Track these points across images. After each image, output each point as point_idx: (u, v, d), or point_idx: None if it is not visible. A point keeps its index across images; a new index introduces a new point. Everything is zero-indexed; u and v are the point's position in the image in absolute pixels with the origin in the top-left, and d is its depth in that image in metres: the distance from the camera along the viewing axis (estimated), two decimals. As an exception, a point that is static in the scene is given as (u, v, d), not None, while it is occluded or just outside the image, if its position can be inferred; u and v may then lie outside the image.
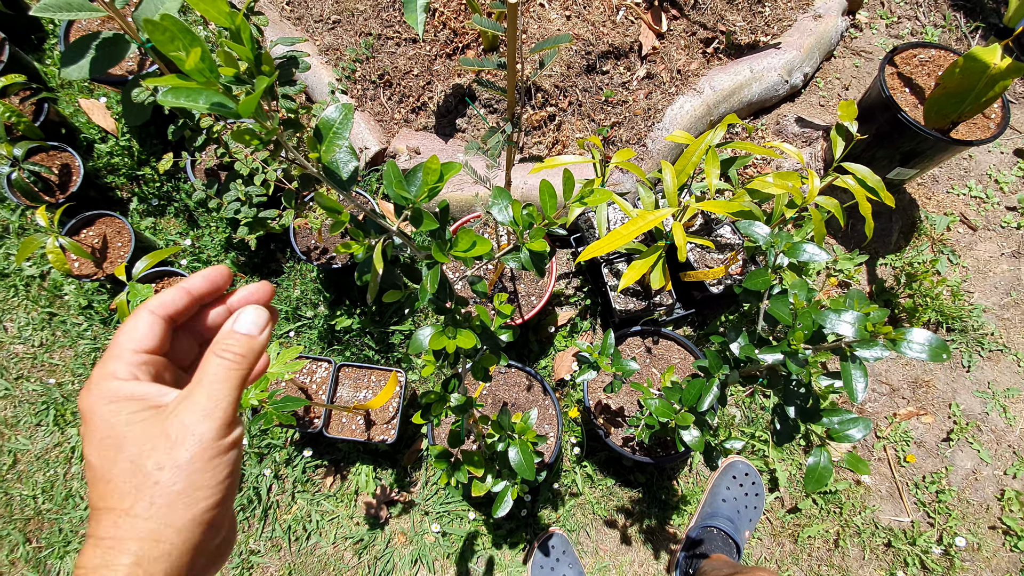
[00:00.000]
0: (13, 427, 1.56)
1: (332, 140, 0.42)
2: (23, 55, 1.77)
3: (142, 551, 0.34)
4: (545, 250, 0.55)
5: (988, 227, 1.79)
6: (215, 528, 0.37)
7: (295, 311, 1.62)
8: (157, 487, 0.35)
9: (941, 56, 1.56)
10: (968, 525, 1.49)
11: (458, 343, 0.57)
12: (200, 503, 0.35)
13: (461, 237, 0.49)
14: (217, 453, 0.36)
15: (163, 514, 0.34)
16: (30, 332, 1.63)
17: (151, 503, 0.34)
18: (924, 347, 0.51)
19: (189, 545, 0.35)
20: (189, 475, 0.35)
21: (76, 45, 1.16)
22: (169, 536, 0.34)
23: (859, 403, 1.54)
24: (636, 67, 1.75)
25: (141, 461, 0.35)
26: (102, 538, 0.34)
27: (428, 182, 0.47)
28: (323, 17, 1.84)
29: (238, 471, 0.38)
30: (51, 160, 1.59)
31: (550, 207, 0.56)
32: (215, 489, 0.36)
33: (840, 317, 0.53)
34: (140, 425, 0.36)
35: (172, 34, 0.32)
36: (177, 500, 0.35)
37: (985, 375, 1.63)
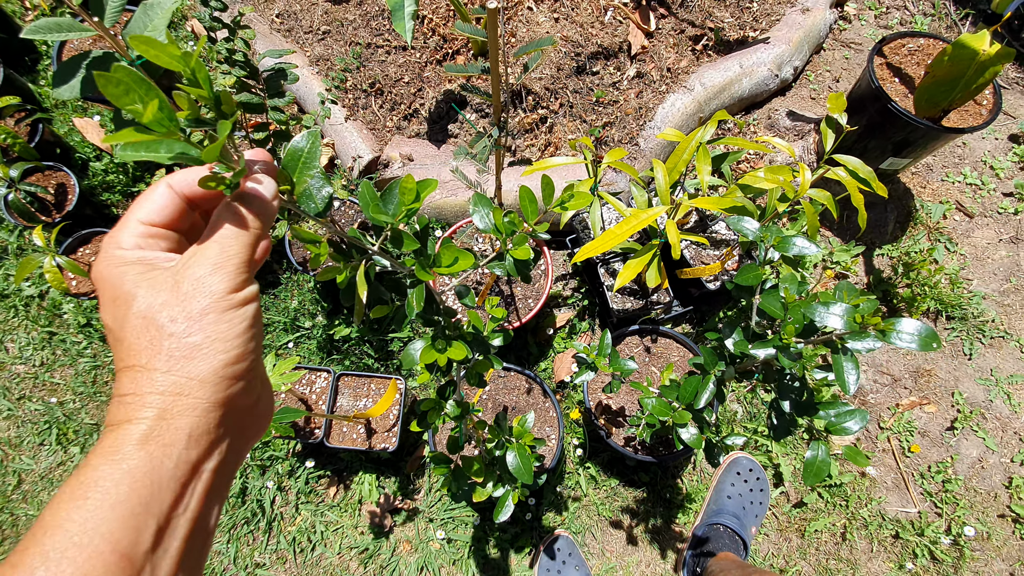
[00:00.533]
0: (17, 447, 1.56)
1: (302, 172, 0.40)
2: (17, 76, 1.78)
3: (165, 404, 0.33)
4: (529, 257, 0.55)
5: (985, 214, 1.79)
6: (243, 385, 0.36)
7: (293, 322, 1.62)
8: (172, 339, 0.33)
9: (930, 45, 1.56)
10: (976, 514, 1.48)
11: (450, 355, 0.57)
12: (220, 355, 0.34)
13: (443, 253, 0.49)
14: (231, 306, 0.35)
15: (182, 367, 0.33)
16: (31, 352, 1.63)
17: (169, 356, 0.33)
18: (914, 337, 0.51)
19: (215, 400, 0.34)
20: (204, 327, 0.34)
21: (67, 65, 1.16)
22: (192, 389, 0.33)
23: (852, 395, 1.53)
24: (626, 67, 1.76)
25: (152, 315, 0.34)
26: (123, 395, 0.33)
27: (405, 202, 0.46)
28: (313, 28, 1.85)
29: (259, 328, 0.37)
30: (47, 180, 1.60)
31: (531, 212, 0.56)
32: (234, 342, 0.35)
33: (829, 310, 0.53)
34: (148, 282, 0.35)
35: (127, 86, 0.30)
36: (195, 352, 0.33)
37: (987, 362, 1.62)
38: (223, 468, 0.36)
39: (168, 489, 0.32)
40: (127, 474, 0.31)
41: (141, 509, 0.31)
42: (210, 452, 0.35)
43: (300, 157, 0.40)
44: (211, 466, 0.35)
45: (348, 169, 1.70)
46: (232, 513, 1.48)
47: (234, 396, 0.35)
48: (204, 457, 0.34)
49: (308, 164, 0.40)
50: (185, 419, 0.33)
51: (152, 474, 0.32)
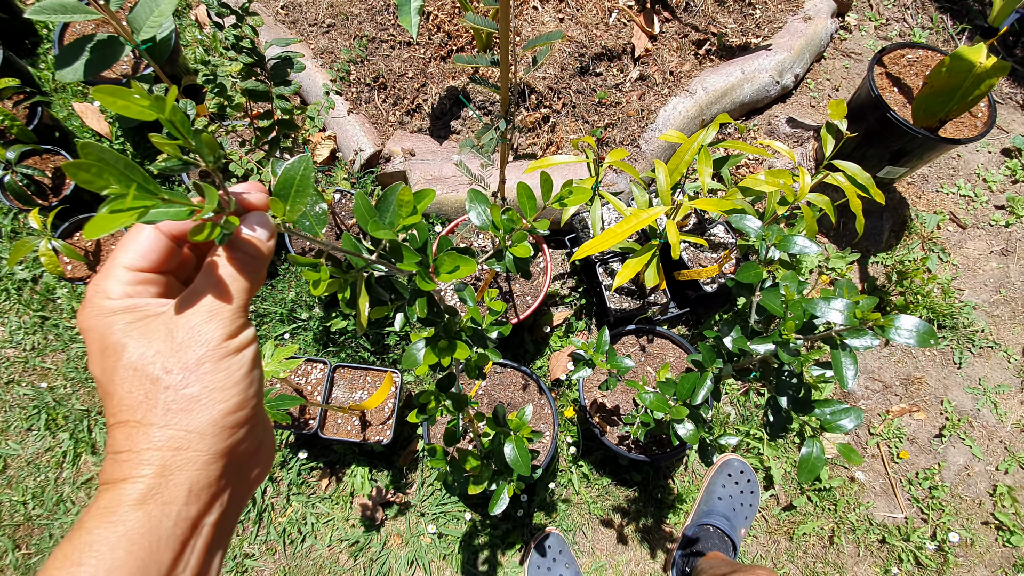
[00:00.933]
0: (3, 432, 1.54)
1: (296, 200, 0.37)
2: (17, 59, 1.76)
3: (163, 460, 0.31)
4: (529, 254, 0.55)
5: (977, 225, 1.81)
6: (244, 432, 0.34)
7: (290, 313, 1.61)
8: (169, 391, 0.32)
9: (928, 56, 1.58)
10: (961, 521, 1.50)
11: (456, 356, 0.57)
12: (219, 405, 0.33)
13: (445, 260, 0.48)
14: (228, 353, 0.33)
15: (180, 420, 0.32)
16: (22, 336, 1.61)
17: (166, 409, 0.32)
18: (912, 333, 0.52)
19: (216, 451, 0.33)
20: (201, 377, 0.32)
21: (71, 47, 1.16)
22: (191, 442, 0.32)
23: (849, 390, 1.55)
24: (629, 69, 1.77)
25: (145, 366, 0.32)
26: (118, 452, 0.32)
27: (402, 215, 0.44)
28: (317, 21, 1.85)
29: (259, 371, 0.35)
30: (44, 163, 1.58)
31: (530, 209, 0.57)
32: (233, 391, 0.33)
33: (830, 305, 0.54)
34: (139, 331, 0.33)
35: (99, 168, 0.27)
36: (193, 404, 0.32)
37: (976, 371, 1.65)
38: (224, 520, 0.35)
39: (167, 549, 0.31)
40: (123, 537, 0.30)
41: (139, 573, 0.30)
42: (211, 505, 0.33)
43: (293, 184, 0.37)
44: (212, 520, 0.34)
45: (349, 162, 1.70)
46: (223, 503, 1.47)
47: (236, 445, 0.34)
48: (205, 511, 0.33)
49: (302, 191, 0.37)
50: (184, 474, 0.32)
51: (150, 535, 0.31)
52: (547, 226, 0.56)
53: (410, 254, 0.46)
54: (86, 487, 1.49)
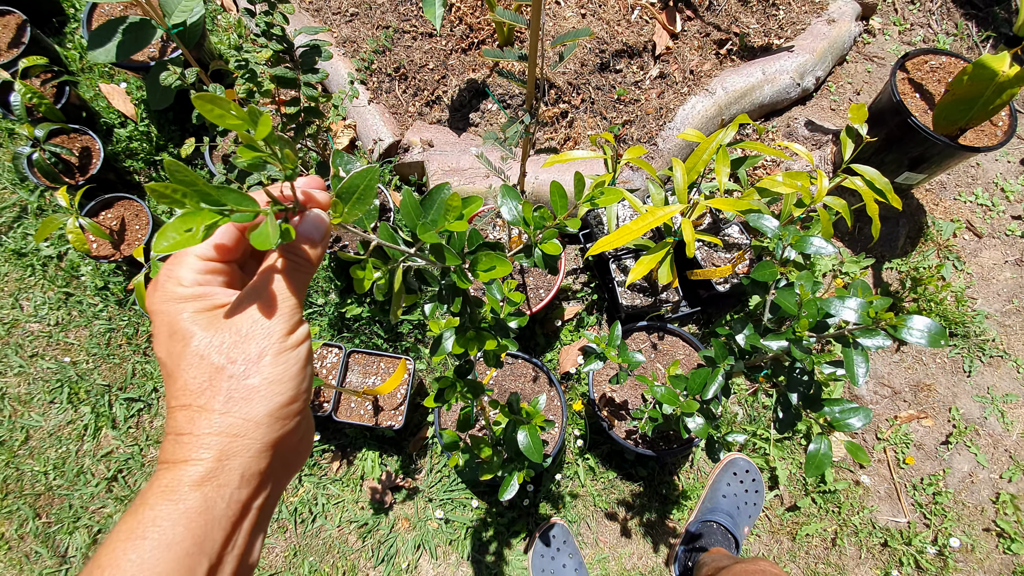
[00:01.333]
0: (27, 404, 1.59)
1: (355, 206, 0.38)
2: (44, 38, 1.80)
3: (222, 445, 0.33)
4: (558, 252, 0.56)
5: (993, 235, 1.81)
6: (294, 425, 0.36)
7: (306, 298, 1.64)
8: (232, 380, 0.34)
9: (952, 63, 1.57)
10: (963, 527, 1.51)
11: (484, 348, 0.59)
12: (276, 397, 0.35)
13: (481, 259, 0.49)
14: (287, 347, 0.35)
15: (240, 408, 0.34)
16: (46, 311, 1.66)
17: (228, 397, 0.34)
18: (924, 333, 0.53)
19: (268, 441, 0.35)
20: (261, 369, 0.34)
21: (103, 29, 1.19)
22: (248, 430, 0.34)
23: (859, 394, 1.56)
24: (649, 66, 1.77)
25: (210, 355, 0.34)
26: (180, 434, 0.34)
27: (449, 219, 0.45)
28: (341, 10, 1.86)
29: (311, 368, 0.38)
30: (71, 142, 1.62)
31: (561, 207, 0.58)
32: (289, 384, 0.35)
33: (844, 304, 0.55)
34: (207, 320, 0.35)
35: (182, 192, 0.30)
36: (254, 394, 0.34)
37: (985, 380, 1.65)
38: (267, 504, 0.37)
39: (220, 528, 0.33)
40: (183, 515, 0.32)
41: (195, 549, 0.32)
42: (259, 490, 0.35)
43: (357, 191, 0.38)
44: (258, 504, 0.36)
45: (368, 151, 1.72)
46: (236, 480, 1.50)
47: (287, 436, 0.36)
48: (254, 495, 0.35)
49: (363, 199, 0.38)
50: (239, 459, 0.34)
51: (206, 514, 0.33)
52: (578, 225, 0.57)
53: (452, 256, 0.47)
54: (105, 460, 1.53)
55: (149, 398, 1.59)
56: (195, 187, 0.30)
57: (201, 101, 0.30)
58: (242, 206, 0.31)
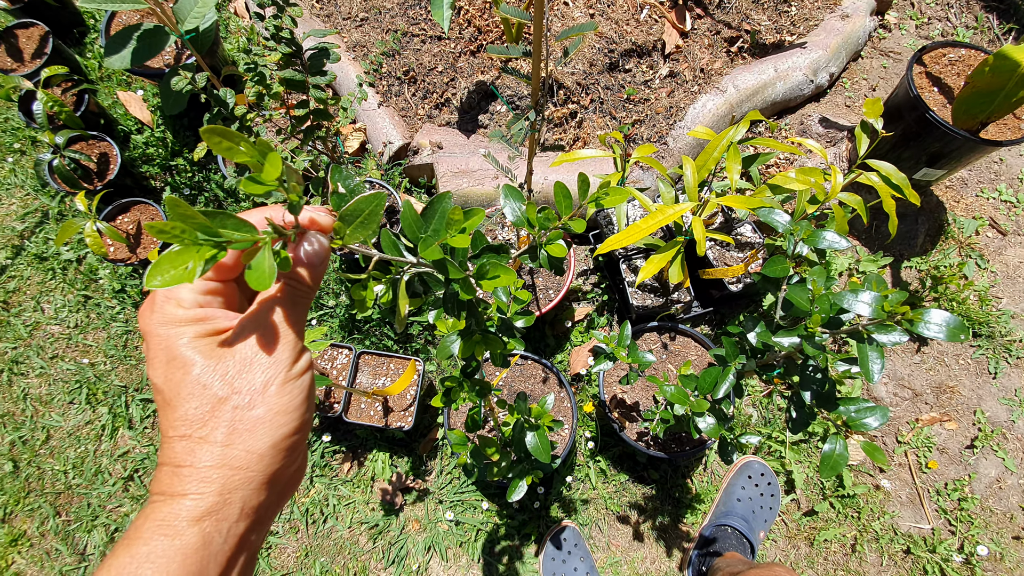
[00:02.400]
0: (47, 404, 1.62)
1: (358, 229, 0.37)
2: (65, 48, 1.85)
3: (224, 479, 0.33)
4: (564, 254, 0.55)
5: (1018, 232, 1.75)
6: (293, 456, 0.36)
7: (317, 300, 1.65)
8: (237, 412, 0.33)
9: (971, 55, 1.53)
10: (991, 534, 1.46)
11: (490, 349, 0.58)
12: (281, 429, 0.34)
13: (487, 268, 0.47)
14: (292, 377, 0.35)
15: (245, 440, 0.33)
16: (66, 313, 1.69)
17: (232, 429, 0.33)
18: (942, 327, 0.51)
19: (269, 473, 0.34)
20: (267, 399, 0.33)
21: (119, 36, 1.21)
22: (252, 463, 0.33)
23: (875, 383, 1.52)
24: (659, 65, 1.76)
25: (212, 384, 0.33)
26: (179, 465, 0.33)
27: (451, 233, 0.44)
28: (351, 15, 1.88)
29: (313, 397, 0.37)
30: (90, 149, 1.65)
31: (565, 207, 0.57)
32: (294, 415, 0.35)
33: (858, 297, 0.53)
34: (207, 347, 0.34)
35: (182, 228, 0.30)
36: (258, 425, 0.33)
37: (1012, 382, 1.59)
38: (263, 532, 0.36)
39: (216, 564, 0.33)
40: (179, 551, 0.31)
41: None
42: (257, 524, 0.35)
43: (360, 217, 0.37)
44: (255, 536, 0.35)
45: (379, 154, 1.73)
46: (248, 481, 1.52)
47: (287, 466, 0.35)
48: (252, 529, 0.35)
49: (367, 224, 0.37)
50: (240, 493, 0.33)
51: (203, 550, 0.32)
52: (583, 226, 0.56)
53: (455, 270, 0.46)
54: (122, 459, 1.56)
55: (164, 399, 1.61)
56: (194, 221, 0.29)
57: (210, 135, 0.29)
58: (240, 233, 0.31)
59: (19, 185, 1.81)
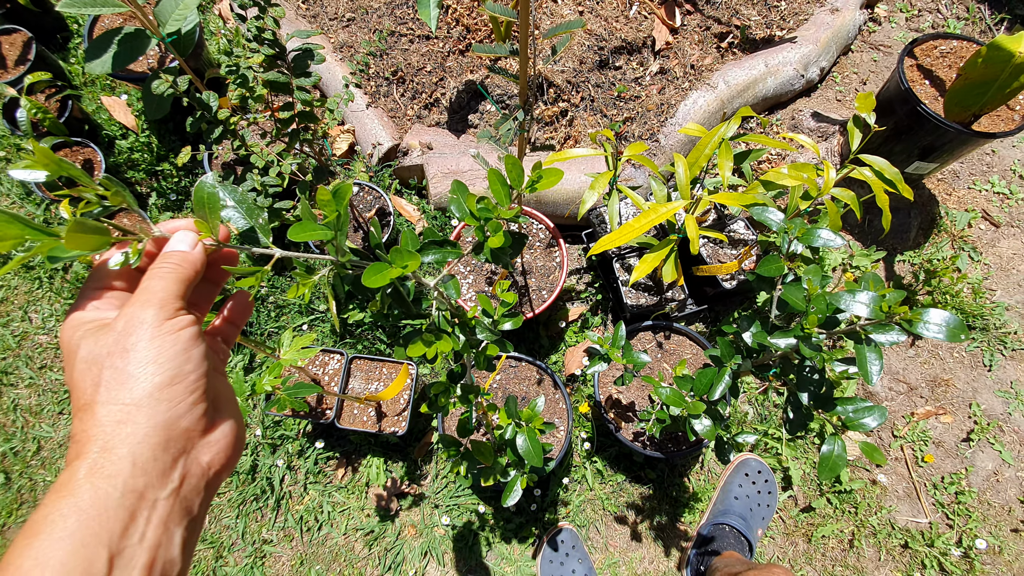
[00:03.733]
0: (37, 415, 1.60)
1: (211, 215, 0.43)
2: (49, 54, 1.82)
3: (106, 435, 0.34)
4: (504, 244, 0.55)
5: (1012, 224, 1.75)
6: (185, 407, 0.37)
7: (308, 305, 1.64)
8: (109, 370, 0.35)
9: (963, 47, 1.53)
10: (989, 527, 1.46)
11: (439, 348, 0.57)
12: (154, 378, 0.35)
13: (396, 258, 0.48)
14: (161, 333, 0.36)
15: (118, 394, 0.35)
16: (53, 323, 1.67)
17: (107, 387, 0.35)
18: (941, 327, 0.50)
19: (154, 423, 0.35)
20: (136, 353, 0.35)
21: (99, 41, 1.18)
22: (130, 415, 0.34)
23: (873, 391, 1.51)
24: (649, 62, 1.75)
25: (94, 357, 0.36)
26: (75, 434, 0.35)
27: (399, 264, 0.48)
28: (338, 15, 1.86)
29: (199, 351, 0.38)
30: (74, 155, 1.63)
31: (503, 197, 0.55)
32: (168, 364, 0.36)
33: (855, 298, 0.52)
34: (93, 333, 0.38)
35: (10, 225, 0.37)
36: (127, 379, 0.35)
37: (1008, 374, 1.59)
38: (181, 497, 0.36)
39: (116, 519, 0.33)
40: (74, 508, 0.32)
41: (91, 539, 0.32)
42: (160, 479, 0.35)
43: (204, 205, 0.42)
44: (163, 495, 0.35)
45: (368, 156, 1.71)
46: (242, 489, 1.50)
47: (176, 419, 0.36)
48: (153, 484, 0.35)
49: (212, 209, 0.43)
50: (126, 447, 0.34)
51: (97, 505, 0.33)
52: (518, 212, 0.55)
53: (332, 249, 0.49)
54: (112, 470, 1.54)
55: (154, 408, 1.59)
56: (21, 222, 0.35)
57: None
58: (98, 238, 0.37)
59: (4, 193, 1.79)
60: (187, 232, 0.42)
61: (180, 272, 0.39)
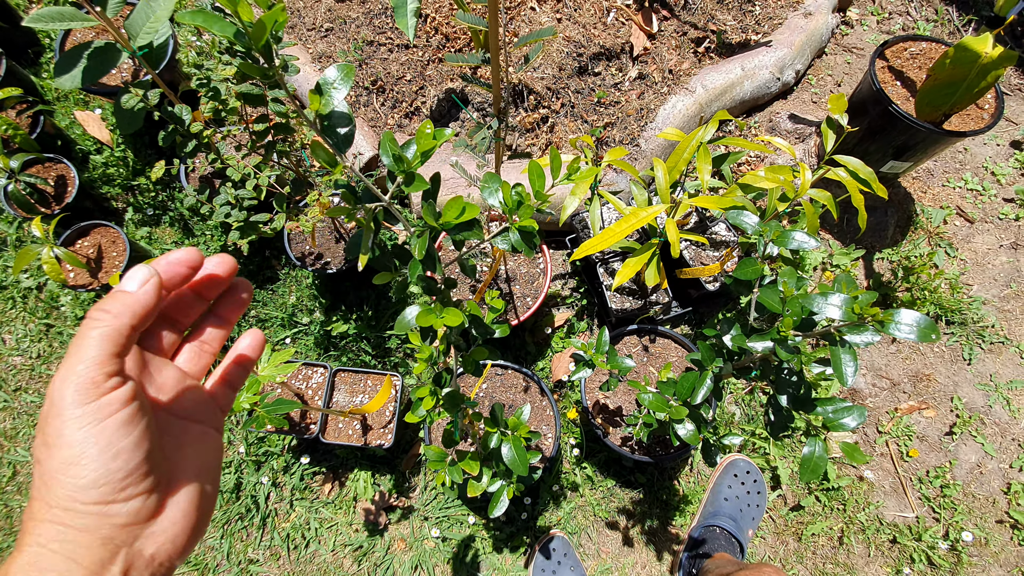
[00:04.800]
0: (12, 439, 1.55)
1: (329, 95, 0.44)
2: (20, 69, 1.78)
3: (40, 530, 0.33)
4: (534, 227, 0.55)
5: (985, 219, 1.78)
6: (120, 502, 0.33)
7: (291, 318, 1.61)
8: (39, 466, 0.33)
9: (932, 48, 1.56)
10: (975, 519, 1.48)
11: (446, 321, 0.56)
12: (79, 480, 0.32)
13: (450, 204, 0.50)
14: (87, 424, 0.32)
15: (47, 495, 0.33)
16: (28, 344, 1.63)
17: (39, 485, 0.33)
18: (912, 328, 0.50)
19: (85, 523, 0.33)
20: (58, 451, 0.32)
21: (69, 55, 1.16)
22: (60, 518, 0.32)
23: (849, 388, 1.53)
24: (628, 68, 1.76)
25: (34, 447, 0.34)
26: (23, 522, 0.34)
27: (422, 146, 0.50)
28: (316, 25, 1.85)
29: (135, 435, 0.34)
30: (47, 172, 1.60)
31: (539, 185, 0.57)
32: (94, 465, 0.32)
33: (828, 300, 0.52)
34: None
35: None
36: (52, 481, 0.32)
37: (987, 368, 1.62)
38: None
39: None
40: None
41: None
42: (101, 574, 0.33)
43: (331, 84, 0.46)
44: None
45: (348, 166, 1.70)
46: (226, 509, 1.47)
47: (109, 518, 0.33)
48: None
49: (336, 89, 0.47)
50: (58, 543, 0.32)
51: None
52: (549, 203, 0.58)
53: (421, 181, 0.51)
54: (91, 493, 1.50)
55: (134, 428, 1.55)
56: None
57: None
58: None
59: (-27, 212, 1.74)
60: (140, 268, 0.36)
61: (116, 325, 0.34)
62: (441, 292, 0.62)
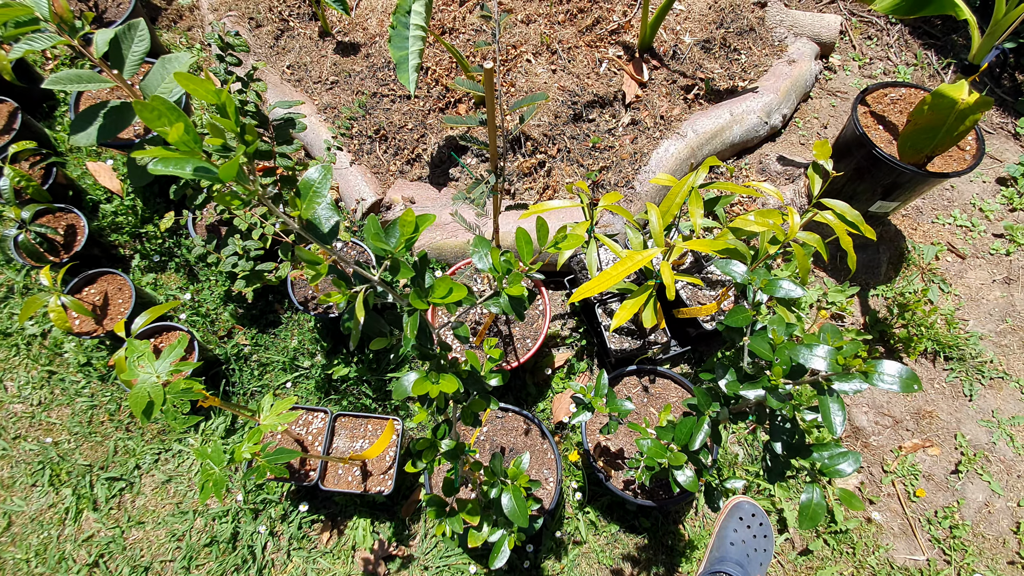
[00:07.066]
0: (9, 488, 1.54)
1: (312, 198, 0.46)
2: (34, 122, 1.85)
3: None
4: (523, 294, 0.57)
5: (977, 255, 1.81)
6: None
7: (292, 361, 1.62)
8: None
9: (911, 94, 1.62)
10: (986, 561, 1.44)
11: (442, 388, 0.58)
12: None
13: (438, 285, 0.52)
14: None
15: None
16: (29, 391, 1.63)
17: None
18: (895, 379, 0.52)
19: None
20: None
21: (85, 114, 1.22)
22: None
23: (839, 436, 1.52)
24: (621, 114, 1.83)
25: None
26: None
27: (405, 234, 0.51)
28: (322, 78, 1.94)
29: None
30: (57, 221, 1.64)
31: (527, 253, 0.59)
32: None
33: (813, 352, 0.54)
34: None
35: (159, 112, 0.35)
36: None
37: (988, 404, 1.61)
38: None
39: None
40: None
41: None
42: None
43: (312, 186, 0.46)
44: None
45: (351, 211, 1.75)
46: (221, 560, 1.44)
47: None
48: None
49: (318, 192, 0.47)
50: None
51: None
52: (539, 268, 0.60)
53: (406, 269, 0.53)
54: (87, 544, 1.47)
55: (131, 476, 1.54)
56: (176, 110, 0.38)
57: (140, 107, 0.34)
58: None
59: (-17, 260, 1.78)
60: None
61: None
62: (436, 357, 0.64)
